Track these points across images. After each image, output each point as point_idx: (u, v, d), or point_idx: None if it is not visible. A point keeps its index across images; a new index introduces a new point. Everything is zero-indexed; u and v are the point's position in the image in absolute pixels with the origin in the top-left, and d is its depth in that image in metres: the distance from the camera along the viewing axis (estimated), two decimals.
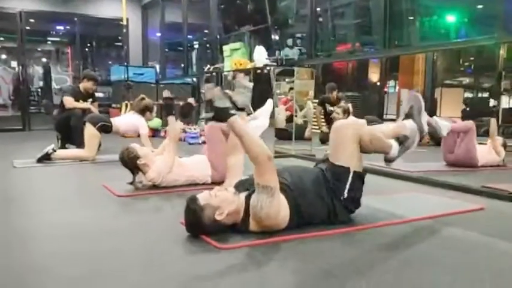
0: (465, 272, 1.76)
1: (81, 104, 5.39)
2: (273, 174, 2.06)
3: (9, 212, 2.70)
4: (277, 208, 2.08)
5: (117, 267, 1.82)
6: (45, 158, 4.52)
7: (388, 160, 2.52)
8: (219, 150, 3.39)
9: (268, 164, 2.04)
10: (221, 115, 2.07)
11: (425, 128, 2.65)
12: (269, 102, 3.62)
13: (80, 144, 4.92)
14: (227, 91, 2.22)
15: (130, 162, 3.26)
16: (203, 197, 2.09)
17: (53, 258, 1.92)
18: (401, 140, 2.50)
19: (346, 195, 2.28)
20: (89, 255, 1.95)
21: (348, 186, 2.28)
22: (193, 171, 3.42)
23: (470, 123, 4.49)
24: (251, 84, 3.74)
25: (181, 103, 3.76)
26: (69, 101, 5.35)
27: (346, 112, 6.45)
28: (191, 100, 3.76)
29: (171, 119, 3.48)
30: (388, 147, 2.46)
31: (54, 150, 4.65)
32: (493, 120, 4.76)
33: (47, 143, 5.63)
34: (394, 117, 9.90)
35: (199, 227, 2.08)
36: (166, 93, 3.71)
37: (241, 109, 2.44)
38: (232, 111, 2.07)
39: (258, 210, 2.03)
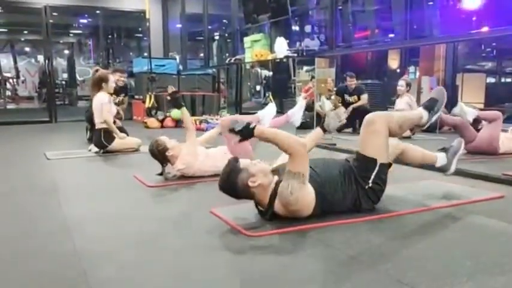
0: (486, 257, 1.85)
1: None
2: (305, 163, 2.19)
3: (56, 202, 2.89)
4: (306, 194, 2.21)
5: (160, 251, 1.99)
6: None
7: (422, 126, 2.68)
8: (246, 149, 3.58)
9: (302, 151, 2.18)
10: (246, 134, 2.19)
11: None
12: (272, 106, 3.88)
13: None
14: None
15: (160, 154, 3.42)
16: (244, 162, 2.28)
17: (104, 243, 2.11)
18: (430, 105, 2.63)
19: (371, 184, 2.39)
20: (135, 240, 2.14)
21: (373, 176, 2.39)
22: (220, 162, 3.54)
23: (498, 113, 4.52)
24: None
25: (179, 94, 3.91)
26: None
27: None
28: (170, 88, 3.89)
29: (184, 110, 3.70)
30: (417, 119, 2.61)
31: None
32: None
33: (74, 135, 5.86)
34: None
35: (231, 185, 2.25)
36: (170, 89, 3.86)
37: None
38: (252, 125, 2.19)
39: (287, 194, 2.14)
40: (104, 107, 4.87)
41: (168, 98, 4.02)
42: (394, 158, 2.68)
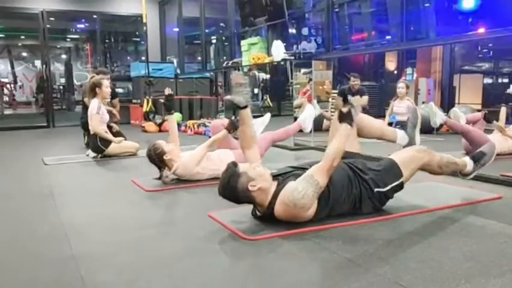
0: (484, 259, 1.84)
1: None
2: (328, 177, 2.19)
3: (54, 206, 2.88)
4: (312, 206, 2.20)
5: (158, 255, 1.98)
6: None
7: (464, 175, 2.77)
8: (229, 144, 3.75)
9: (334, 166, 2.19)
10: (348, 118, 2.30)
11: (417, 141, 2.90)
12: (267, 116, 3.93)
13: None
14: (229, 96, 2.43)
15: (157, 158, 3.41)
16: (243, 166, 2.27)
17: (101, 247, 2.11)
18: (477, 157, 2.75)
19: (385, 189, 2.41)
20: (133, 244, 2.14)
21: (390, 186, 2.42)
22: (219, 165, 3.54)
23: (478, 115, 4.76)
24: (245, 79, 4.01)
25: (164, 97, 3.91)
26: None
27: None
28: (167, 90, 3.90)
29: (172, 117, 3.83)
30: (461, 166, 2.70)
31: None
32: (502, 109, 4.72)
33: (72, 140, 5.85)
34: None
35: (231, 190, 2.24)
36: (167, 91, 3.87)
37: (245, 107, 2.69)
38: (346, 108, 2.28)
39: (298, 197, 2.12)
40: (93, 117, 4.84)
41: (162, 100, 4.02)
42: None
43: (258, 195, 2.24)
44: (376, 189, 2.39)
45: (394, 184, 2.42)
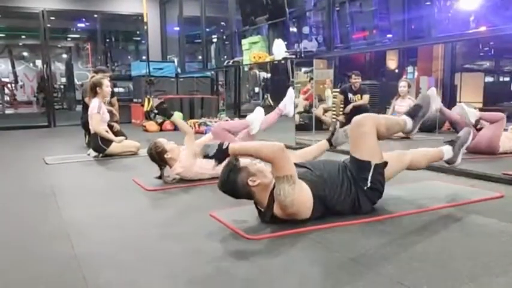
0: (486, 257, 1.84)
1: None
2: (289, 163, 2.17)
3: (55, 206, 2.88)
4: (302, 195, 2.20)
5: (160, 254, 1.98)
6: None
7: (406, 132, 2.70)
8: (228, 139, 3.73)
9: (280, 154, 2.14)
10: (220, 157, 2.20)
11: (459, 160, 2.87)
12: (258, 110, 4.18)
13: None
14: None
15: (158, 156, 3.41)
16: (244, 161, 2.26)
17: (103, 247, 2.10)
18: (413, 112, 2.64)
19: (369, 184, 2.39)
20: (134, 244, 2.14)
21: (370, 178, 2.38)
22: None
23: (501, 114, 4.48)
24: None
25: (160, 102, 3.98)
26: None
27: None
28: (157, 100, 3.96)
29: (174, 118, 3.89)
30: (402, 125, 2.60)
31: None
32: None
33: (73, 139, 5.84)
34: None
35: (231, 184, 2.24)
36: (157, 101, 3.90)
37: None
38: (224, 146, 2.19)
39: (282, 199, 2.14)
40: (93, 117, 4.84)
41: (156, 111, 4.04)
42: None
43: (258, 191, 2.24)
44: (364, 188, 2.39)
45: (371, 174, 2.38)
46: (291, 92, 4.39)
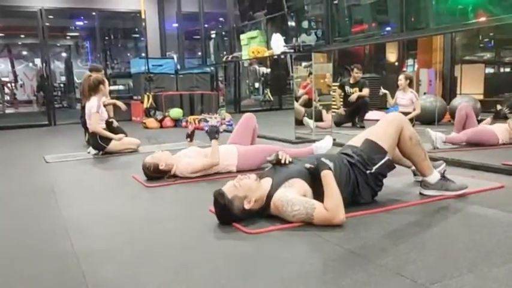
0: (486, 248, 1.84)
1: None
2: (322, 222, 2.14)
3: (55, 203, 2.89)
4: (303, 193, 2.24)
5: (160, 250, 1.99)
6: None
7: (424, 184, 2.62)
8: (245, 139, 3.74)
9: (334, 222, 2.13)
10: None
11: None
12: (327, 139, 3.94)
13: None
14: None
15: (157, 173, 3.39)
16: (229, 190, 2.22)
17: (103, 243, 2.11)
18: (445, 177, 2.63)
19: (373, 170, 2.40)
20: (134, 240, 2.14)
21: (379, 165, 2.40)
22: (221, 161, 3.51)
23: (462, 113, 4.69)
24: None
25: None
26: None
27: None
28: (191, 127, 3.97)
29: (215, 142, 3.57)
30: (427, 166, 2.57)
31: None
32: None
33: (73, 138, 5.84)
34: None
35: (231, 218, 2.23)
36: (191, 128, 3.94)
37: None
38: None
39: (289, 213, 2.15)
40: (92, 116, 4.83)
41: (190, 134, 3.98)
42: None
43: (256, 205, 2.25)
44: (367, 172, 2.40)
45: (381, 162, 2.41)
46: (329, 140, 4.00)
